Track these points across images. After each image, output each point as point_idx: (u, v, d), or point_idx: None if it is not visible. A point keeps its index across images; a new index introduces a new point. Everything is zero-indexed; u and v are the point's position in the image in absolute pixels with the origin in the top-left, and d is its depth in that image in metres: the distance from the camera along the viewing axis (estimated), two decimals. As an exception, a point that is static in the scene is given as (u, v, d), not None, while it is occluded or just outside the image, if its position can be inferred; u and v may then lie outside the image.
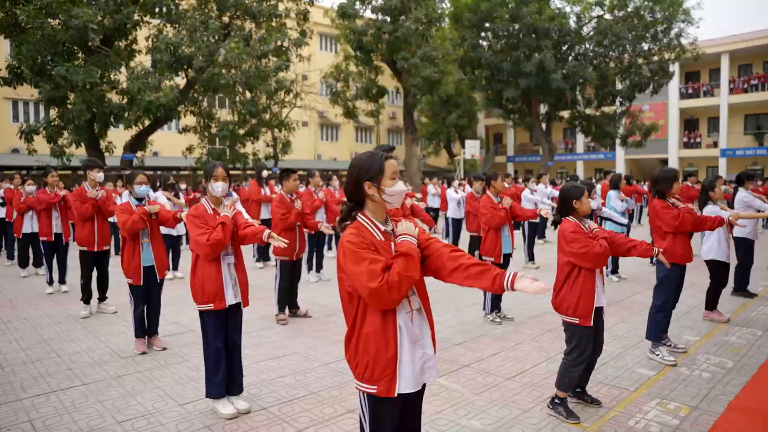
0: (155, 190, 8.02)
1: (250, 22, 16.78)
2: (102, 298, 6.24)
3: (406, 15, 19.37)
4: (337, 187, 10.15)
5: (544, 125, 26.94)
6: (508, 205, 5.43)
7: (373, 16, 20.23)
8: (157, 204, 4.92)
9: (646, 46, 24.73)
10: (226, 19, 17.05)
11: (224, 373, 3.51)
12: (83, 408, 3.55)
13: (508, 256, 5.54)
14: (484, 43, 25.19)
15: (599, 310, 3.33)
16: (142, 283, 4.75)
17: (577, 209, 3.32)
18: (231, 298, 3.53)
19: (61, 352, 4.71)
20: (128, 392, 3.82)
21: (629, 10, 24.36)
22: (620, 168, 33.45)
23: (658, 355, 4.31)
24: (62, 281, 7.32)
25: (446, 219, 10.10)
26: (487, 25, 24.33)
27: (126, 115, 15.22)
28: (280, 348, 4.84)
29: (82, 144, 16.46)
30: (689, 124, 31.65)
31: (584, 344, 3.25)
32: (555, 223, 3.41)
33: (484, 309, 5.65)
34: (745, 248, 6.60)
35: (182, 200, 8.53)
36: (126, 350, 4.78)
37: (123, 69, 14.99)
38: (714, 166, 29.68)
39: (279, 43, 16.01)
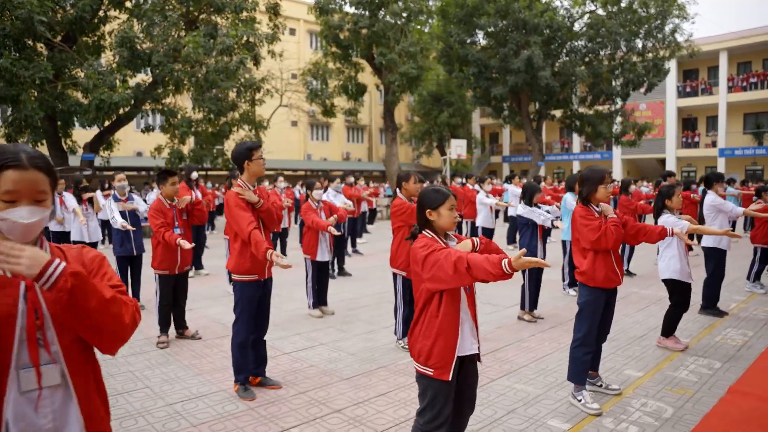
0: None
1: (218, 16, 16.02)
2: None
3: (386, 9, 18.54)
4: (283, 189, 9.38)
5: (534, 124, 26.01)
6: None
7: (353, 11, 19.41)
8: None
9: (639, 43, 23.77)
10: (196, 13, 16.33)
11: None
12: None
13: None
14: (472, 39, 24.26)
15: (469, 360, 2.46)
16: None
17: (433, 222, 2.45)
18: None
19: None
20: None
21: (623, 5, 23.42)
22: (617, 169, 32.48)
23: (579, 401, 3.44)
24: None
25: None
26: (474, 20, 23.42)
27: (86, 113, 14.45)
28: (131, 380, 4.01)
29: (44, 143, 15.78)
30: (687, 123, 30.62)
31: (440, 404, 2.38)
32: (413, 235, 2.53)
33: (395, 333, 4.80)
34: (715, 260, 5.73)
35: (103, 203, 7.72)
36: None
37: (84, 65, 14.23)
38: (713, 166, 28.62)
39: (246, 38, 15.20)
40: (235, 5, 15.17)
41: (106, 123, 15.39)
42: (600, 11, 24.21)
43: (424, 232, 2.47)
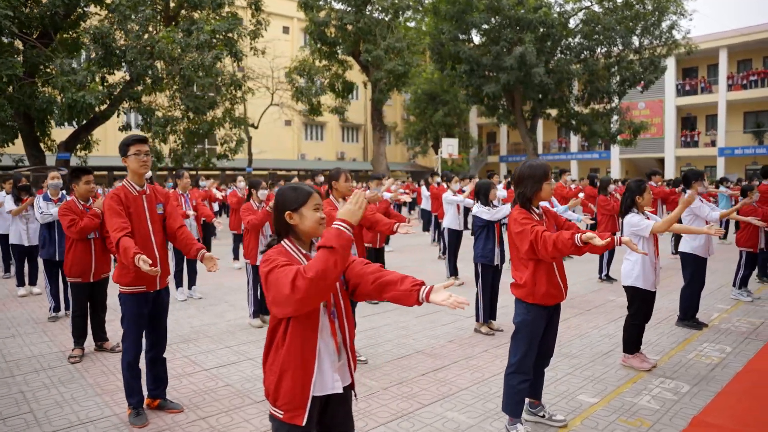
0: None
1: (196, 11, 15.56)
2: None
3: (372, 5, 18.05)
4: (243, 188, 8.91)
5: (528, 123, 25.47)
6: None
7: (339, 6, 18.92)
8: None
9: (636, 40, 23.21)
10: (176, 9, 15.89)
11: None
12: None
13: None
14: (464, 36, 23.72)
15: (337, 399, 1.97)
16: None
17: (296, 227, 1.97)
18: None
19: None
20: None
21: (618, 1, 22.87)
22: (615, 168, 31.92)
23: (513, 435, 2.94)
24: None
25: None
26: (466, 16, 22.88)
27: (62, 112, 13.97)
28: (15, 404, 3.53)
29: (14, 143, 15.36)
30: (686, 122, 30.01)
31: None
32: (269, 246, 2.03)
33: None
34: (693, 267, 5.21)
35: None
36: None
37: (54, 63, 13.77)
38: (712, 166, 28.04)
39: (224, 33, 14.72)
40: (213, 0, 14.71)
41: (83, 122, 14.96)
42: (596, 7, 23.67)
43: (282, 242, 1.98)
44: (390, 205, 5.66)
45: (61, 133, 17.41)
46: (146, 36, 13.71)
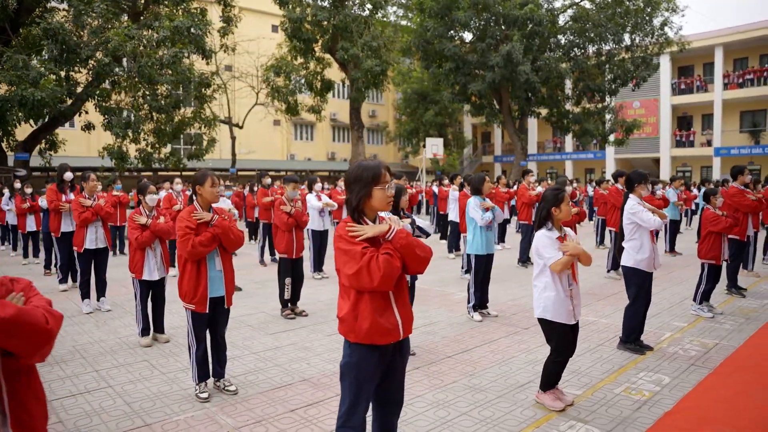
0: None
1: (160, 7, 15.01)
2: None
3: (351, 1, 17.47)
4: (180, 191, 8.33)
5: (517, 123, 24.81)
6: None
7: (317, 2, 18.35)
8: None
9: (627, 37, 22.52)
10: (143, 3, 15.37)
11: None
12: None
13: (218, 301, 3.59)
14: (450, 33, 23.08)
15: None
16: None
17: None
18: None
19: None
20: None
21: (609, -3, 22.19)
22: (610, 169, 31.15)
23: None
24: None
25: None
26: (453, 13, 22.26)
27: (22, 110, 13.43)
28: None
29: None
30: (682, 121, 29.26)
31: None
32: None
33: (192, 378, 3.71)
34: (638, 283, 4.59)
35: None
36: None
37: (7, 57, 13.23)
38: (708, 166, 27.31)
39: (188, 30, 14.14)
40: (177, -5, 14.17)
41: (41, 121, 14.41)
42: (586, 3, 23.00)
43: None
44: (304, 215, 5.09)
45: (26, 133, 16.93)
46: (107, 33, 13.19)
